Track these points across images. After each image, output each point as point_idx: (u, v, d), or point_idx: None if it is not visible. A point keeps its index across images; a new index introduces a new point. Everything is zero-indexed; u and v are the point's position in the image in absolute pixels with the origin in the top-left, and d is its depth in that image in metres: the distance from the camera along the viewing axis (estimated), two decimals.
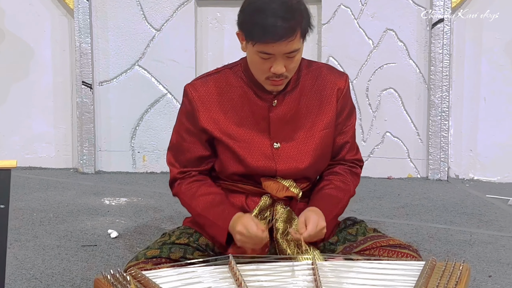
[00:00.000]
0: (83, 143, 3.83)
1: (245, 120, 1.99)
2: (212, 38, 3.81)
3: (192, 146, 2.01)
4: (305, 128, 2.01)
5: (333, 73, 2.05)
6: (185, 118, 2.02)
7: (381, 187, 3.52)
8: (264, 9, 1.83)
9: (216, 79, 2.02)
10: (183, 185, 2.03)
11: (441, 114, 3.61)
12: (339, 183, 2.03)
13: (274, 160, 1.98)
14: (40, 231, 2.78)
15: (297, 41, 1.85)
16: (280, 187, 2.00)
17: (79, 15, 3.74)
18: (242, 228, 1.82)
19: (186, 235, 2.04)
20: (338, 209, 2.01)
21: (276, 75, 1.87)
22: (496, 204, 3.21)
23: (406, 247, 2.00)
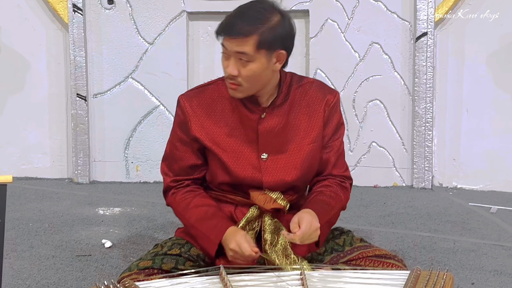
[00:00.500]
0: (78, 153, 3.82)
1: (235, 130, 2.00)
2: (204, 51, 3.82)
3: (184, 155, 2.02)
4: (293, 141, 2.01)
5: (323, 89, 2.05)
6: (178, 128, 2.03)
7: (367, 196, 3.53)
8: (239, 10, 1.88)
9: (209, 90, 2.03)
10: (177, 195, 2.02)
11: (425, 124, 3.62)
12: (330, 193, 2.02)
13: (260, 171, 1.98)
14: (36, 241, 2.77)
15: (249, 45, 1.83)
16: (268, 199, 1.99)
17: (73, 29, 3.73)
18: (236, 246, 1.82)
19: (178, 246, 2.03)
20: (331, 216, 1.98)
21: (229, 76, 1.87)
22: (478, 212, 3.22)
23: (392, 257, 2.00)
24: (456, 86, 3.64)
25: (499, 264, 2.48)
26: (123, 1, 3.75)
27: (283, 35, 1.89)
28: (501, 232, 2.88)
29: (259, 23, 1.85)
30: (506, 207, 3.30)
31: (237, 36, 1.83)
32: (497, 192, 3.62)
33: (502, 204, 3.37)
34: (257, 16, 1.87)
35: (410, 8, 3.58)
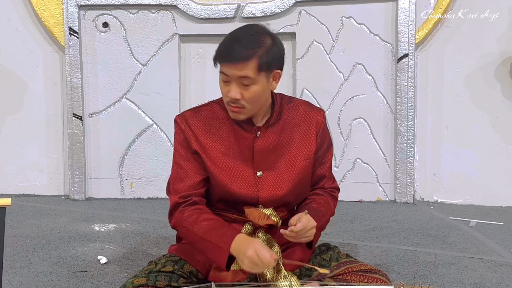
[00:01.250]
0: (74, 171, 3.81)
1: (231, 149, 2.01)
2: (195, 72, 3.84)
3: (189, 172, 1.99)
4: (286, 158, 2.03)
5: (311, 109, 2.10)
6: (179, 146, 2.02)
7: (352, 210, 3.54)
8: (234, 37, 1.89)
9: (204, 111, 2.04)
10: (185, 212, 1.97)
11: (407, 141, 3.65)
12: (322, 201, 2.06)
13: (256, 188, 1.99)
14: (34, 258, 2.75)
15: (250, 69, 1.85)
16: (262, 215, 2.00)
17: (69, 51, 3.74)
18: (253, 254, 1.76)
19: (172, 263, 2.03)
20: (322, 222, 2.00)
21: (232, 100, 1.90)
22: (458, 226, 3.24)
23: (376, 271, 2.02)
24: (436, 105, 3.67)
25: (478, 277, 2.49)
26: (117, 25, 3.76)
27: (278, 55, 1.92)
28: (480, 246, 2.90)
29: (256, 46, 1.88)
30: (484, 221, 3.32)
31: (238, 62, 1.84)
32: (475, 206, 3.65)
33: (481, 217, 3.39)
34: (253, 40, 1.89)
35: (391, 30, 3.61)
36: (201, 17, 3.70)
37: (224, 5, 3.69)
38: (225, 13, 3.68)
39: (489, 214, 3.47)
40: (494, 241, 2.97)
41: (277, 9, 3.66)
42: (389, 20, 3.61)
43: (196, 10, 3.69)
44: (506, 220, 3.34)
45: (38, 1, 3.77)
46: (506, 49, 3.54)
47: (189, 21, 3.73)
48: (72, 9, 3.71)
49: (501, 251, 2.83)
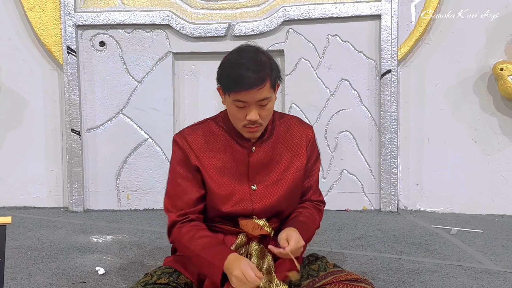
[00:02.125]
0: (72, 184, 3.80)
1: (227, 164, 2.01)
2: (188, 88, 3.84)
3: (188, 190, 2.00)
4: (279, 171, 2.05)
5: (301, 124, 2.12)
6: (178, 165, 2.02)
7: (339, 219, 3.55)
8: (237, 63, 1.88)
9: (201, 129, 2.05)
10: (183, 229, 1.98)
11: (391, 153, 3.67)
12: (308, 215, 2.07)
13: (251, 201, 2.01)
14: (34, 270, 2.74)
15: (267, 89, 1.89)
16: (255, 226, 2.01)
17: (68, 69, 3.74)
18: (239, 273, 1.79)
19: (167, 274, 2.03)
20: (308, 236, 2.03)
21: (251, 122, 1.91)
22: (440, 234, 3.25)
23: (362, 280, 2.02)
24: (418, 118, 3.69)
25: (459, 283, 2.50)
26: (113, 43, 3.77)
27: (278, 69, 1.95)
28: (460, 253, 2.91)
29: (265, 67, 1.89)
30: (465, 229, 3.34)
31: (256, 87, 1.86)
32: (456, 214, 3.67)
33: (461, 225, 3.41)
34: (259, 62, 1.90)
35: (375, 47, 3.64)
36: (194, 36, 3.71)
37: (215, 24, 3.70)
38: (217, 32, 3.69)
39: (469, 222, 3.49)
40: (474, 248, 2.98)
41: (266, 27, 3.67)
42: (373, 38, 3.63)
43: (189, 29, 3.71)
44: (485, 228, 3.36)
45: (37, 22, 3.77)
46: (484, 65, 3.57)
47: (182, 40, 3.74)
48: (70, 29, 3.71)
49: (481, 258, 2.84)
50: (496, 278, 2.57)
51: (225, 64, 1.95)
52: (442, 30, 3.61)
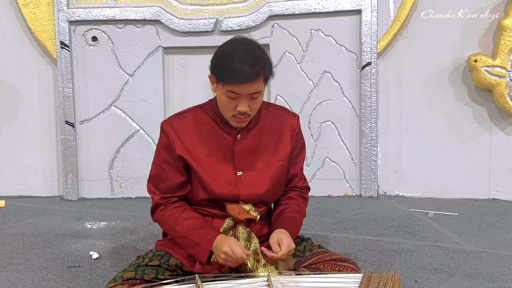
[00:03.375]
0: (67, 174, 3.73)
1: (213, 151, 1.98)
2: (178, 81, 3.78)
3: (170, 175, 1.98)
4: (264, 159, 2.01)
5: (287, 114, 2.08)
6: (163, 151, 1.99)
7: (323, 205, 3.52)
8: (233, 56, 1.84)
9: (189, 117, 2.01)
10: (166, 211, 1.97)
11: (371, 141, 3.64)
12: (295, 207, 2.04)
13: (237, 187, 1.97)
14: (30, 255, 2.67)
15: (260, 84, 1.85)
16: (242, 210, 1.98)
17: (61, 63, 3.66)
18: (228, 249, 1.79)
19: (158, 257, 1.99)
20: (297, 230, 2.01)
21: (241, 113, 1.87)
22: (418, 217, 3.23)
23: (346, 260, 2.00)
24: (396, 108, 3.66)
25: (438, 263, 2.48)
26: (105, 38, 3.69)
27: (270, 64, 1.91)
28: (438, 235, 2.89)
29: (260, 62, 1.85)
30: (441, 212, 3.32)
31: (251, 81, 1.81)
32: (432, 199, 3.65)
33: (438, 209, 3.39)
34: (255, 56, 1.85)
35: (356, 41, 3.59)
36: (183, 31, 3.64)
37: (203, 20, 3.64)
38: (205, 27, 3.63)
39: (445, 206, 3.47)
40: (450, 230, 2.96)
41: (252, 23, 3.62)
42: (354, 32, 3.59)
43: (178, 24, 3.64)
44: (460, 211, 3.34)
45: (31, 18, 3.68)
46: (458, 57, 3.55)
47: (171, 35, 3.67)
48: (63, 25, 3.63)
49: (457, 239, 2.82)
50: (472, 257, 2.55)
51: (220, 55, 1.90)
52: (419, 25, 3.58)
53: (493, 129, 3.58)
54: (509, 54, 3.37)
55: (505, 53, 3.38)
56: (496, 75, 3.39)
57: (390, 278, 1.81)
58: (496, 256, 2.56)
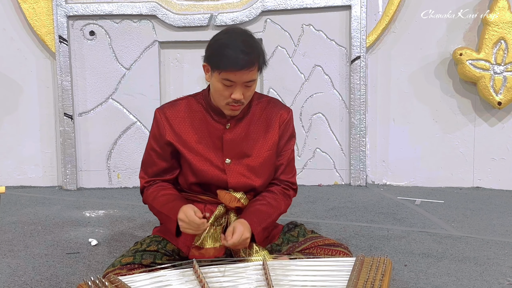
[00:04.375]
0: (66, 164, 3.67)
1: (203, 138, 1.95)
2: (173, 75, 3.72)
3: (157, 161, 1.98)
4: (253, 149, 1.97)
5: (278, 106, 2.03)
6: (152, 139, 2.00)
7: (313, 193, 3.49)
8: (229, 45, 1.80)
9: (181, 105, 1.99)
10: (149, 190, 1.99)
11: (360, 133, 3.61)
12: (271, 201, 1.95)
13: (225, 173, 1.94)
14: (31, 242, 2.62)
15: (255, 72, 1.82)
16: (233, 198, 1.95)
17: (60, 57, 3.59)
18: (183, 216, 1.77)
19: (155, 242, 1.96)
20: (268, 223, 1.91)
21: (235, 100, 1.84)
22: (405, 204, 3.21)
23: (339, 245, 1.97)
24: (384, 101, 3.63)
25: (426, 248, 2.45)
26: (102, 33, 3.63)
27: (264, 54, 1.88)
28: (425, 221, 2.87)
29: (256, 51, 1.82)
30: (428, 200, 3.30)
31: (247, 69, 1.78)
32: (419, 187, 3.63)
33: (424, 197, 3.37)
34: (251, 46, 1.82)
35: (346, 36, 3.56)
36: (178, 26, 3.59)
37: (198, 15, 3.59)
38: (200, 21, 3.58)
39: (431, 194, 3.45)
40: (437, 217, 2.94)
41: (246, 18, 3.57)
42: (344, 27, 3.55)
43: (173, 19, 3.58)
44: (445, 199, 3.33)
45: (30, 13, 3.60)
46: (444, 51, 3.52)
47: (167, 29, 3.62)
48: (62, 19, 3.56)
49: (444, 225, 2.80)
50: (459, 242, 2.53)
51: (215, 44, 1.86)
52: (406, 20, 3.55)
53: (477, 120, 3.57)
54: (493, 48, 3.35)
55: (489, 47, 3.35)
56: (481, 68, 3.37)
57: (382, 262, 1.79)
58: (482, 241, 2.54)
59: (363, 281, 1.64)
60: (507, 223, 2.81)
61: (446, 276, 2.13)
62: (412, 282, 2.08)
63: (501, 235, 2.63)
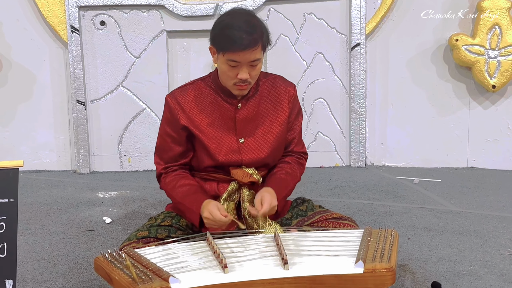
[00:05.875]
0: (79, 149, 3.61)
1: (216, 120, 1.90)
2: (181, 63, 3.65)
3: (172, 146, 1.91)
4: (264, 125, 1.93)
5: (285, 82, 1.99)
6: (166, 124, 1.92)
7: (316, 174, 3.43)
8: (232, 25, 1.74)
9: (191, 89, 1.93)
10: (167, 179, 1.93)
11: (359, 116, 3.55)
12: (288, 170, 1.95)
13: (240, 153, 1.89)
14: (47, 221, 2.57)
15: (259, 51, 1.76)
16: (245, 174, 1.90)
17: (72, 46, 3.52)
18: (208, 214, 1.73)
19: (169, 218, 1.92)
20: (287, 192, 1.92)
21: (241, 80, 1.79)
22: (404, 183, 3.16)
23: (346, 218, 1.93)
24: (383, 86, 3.57)
25: (427, 222, 2.41)
26: (112, 23, 3.55)
27: (267, 33, 1.81)
28: (425, 198, 2.82)
29: (260, 31, 1.77)
30: (425, 179, 3.25)
31: (250, 48, 1.72)
32: (416, 168, 3.57)
33: (421, 177, 3.32)
34: (253, 25, 1.76)
35: (346, 24, 3.49)
36: (185, 15, 3.51)
37: (204, 4, 3.51)
38: (205, 11, 3.50)
39: (428, 174, 3.40)
40: (435, 194, 2.89)
41: (250, 7, 3.48)
42: (344, 15, 3.48)
43: (180, 9, 3.51)
44: (442, 178, 3.27)
45: (43, 3, 3.53)
46: (440, 38, 3.45)
47: (174, 19, 3.54)
48: (73, 10, 3.48)
49: (442, 201, 2.75)
50: (458, 217, 2.48)
51: (219, 25, 1.80)
52: (404, 8, 3.48)
53: (472, 103, 3.51)
54: (487, 33, 3.29)
55: (483, 33, 3.29)
56: (476, 53, 3.30)
57: (389, 233, 1.74)
58: (480, 215, 2.49)
59: (373, 250, 1.59)
60: (503, 199, 2.77)
61: (448, 248, 2.08)
62: (416, 254, 2.03)
63: (498, 210, 2.58)
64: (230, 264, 1.50)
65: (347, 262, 1.52)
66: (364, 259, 1.51)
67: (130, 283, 1.45)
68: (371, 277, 1.47)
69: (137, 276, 1.46)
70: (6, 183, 1.44)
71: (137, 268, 1.51)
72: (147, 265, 1.54)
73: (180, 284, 1.42)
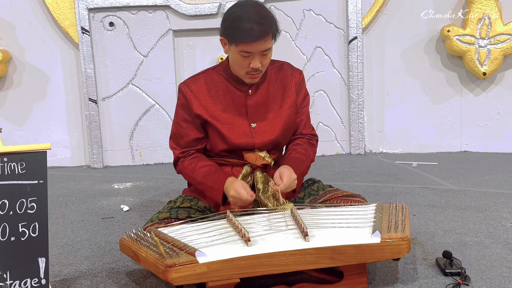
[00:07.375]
0: (92, 145, 3.57)
1: (228, 107, 1.87)
2: (187, 61, 3.62)
3: (188, 131, 1.89)
4: (274, 109, 1.91)
5: (291, 68, 1.98)
6: (181, 110, 1.89)
7: (318, 162, 3.38)
8: (242, 17, 1.71)
9: (204, 77, 1.91)
10: (185, 162, 1.89)
11: (358, 106, 3.53)
12: (302, 150, 1.94)
13: (252, 137, 1.87)
14: (67, 210, 2.54)
15: (269, 41, 1.74)
16: (258, 157, 1.89)
17: (83, 47, 3.48)
18: (235, 193, 1.71)
19: (188, 200, 1.89)
20: (303, 169, 1.90)
21: (254, 69, 1.77)
22: (404, 167, 3.15)
23: (357, 196, 1.91)
24: (379, 77, 3.56)
25: (429, 200, 2.39)
26: (121, 24, 3.52)
27: (276, 23, 1.79)
28: (424, 179, 2.81)
29: (269, 21, 1.75)
30: (423, 162, 3.24)
31: (262, 39, 1.70)
32: (413, 154, 3.56)
33: (418, 161, 3.30)
34: (263, 16, 1.73)
35: (343, 19, 3.47)
36: (190, 15, 3.48)
37: (208, 4, 3.48)
38: (209, 10, 3.48)
39: (424, 158, 3.39)
40: (434, 175, 2.88)
41: None
42: (341, 10, 3.46)
43: (185, 8, 3.48)
44: (438, 161, 3.26)
45: (54, 7, 3.49)
46: (432, 30, 3.44)
47: (180, 18, 3.51)
48: (83, 12, 3.45)
49: (442, 182, 2.74)
50: (459, 194, 2.47)
51: (229, 17, 1.77)
52: (397, 3, 3.47)
53: (463, 91, 3.50)
54: (477, 24, 3.28)
55: (474, 23, 3.28)
56: (467, 42, 3.29)
57: (401, 207, 1.72)
58: (479, 192, 2.48)
59: (387, 222, 1.57)
60: (498, 178, 2.76)
61: (453, 222, 2.07)
62: (423, 228, 2.02)
63: (495, 187, 2.57)
64: (252, 238, 1.48)
65: (364, 233, 1.50)
66: (380, 230, 1.50)
67: (157, 259, 1.43)
68: (388, 246, 1.46)
69: (164, 252, 1.44)
70: (35, 165, 1.42)
71: (164, 245, 1.48)
72: (173, 242, 1.52)
73: (206, 257, 1.40)
